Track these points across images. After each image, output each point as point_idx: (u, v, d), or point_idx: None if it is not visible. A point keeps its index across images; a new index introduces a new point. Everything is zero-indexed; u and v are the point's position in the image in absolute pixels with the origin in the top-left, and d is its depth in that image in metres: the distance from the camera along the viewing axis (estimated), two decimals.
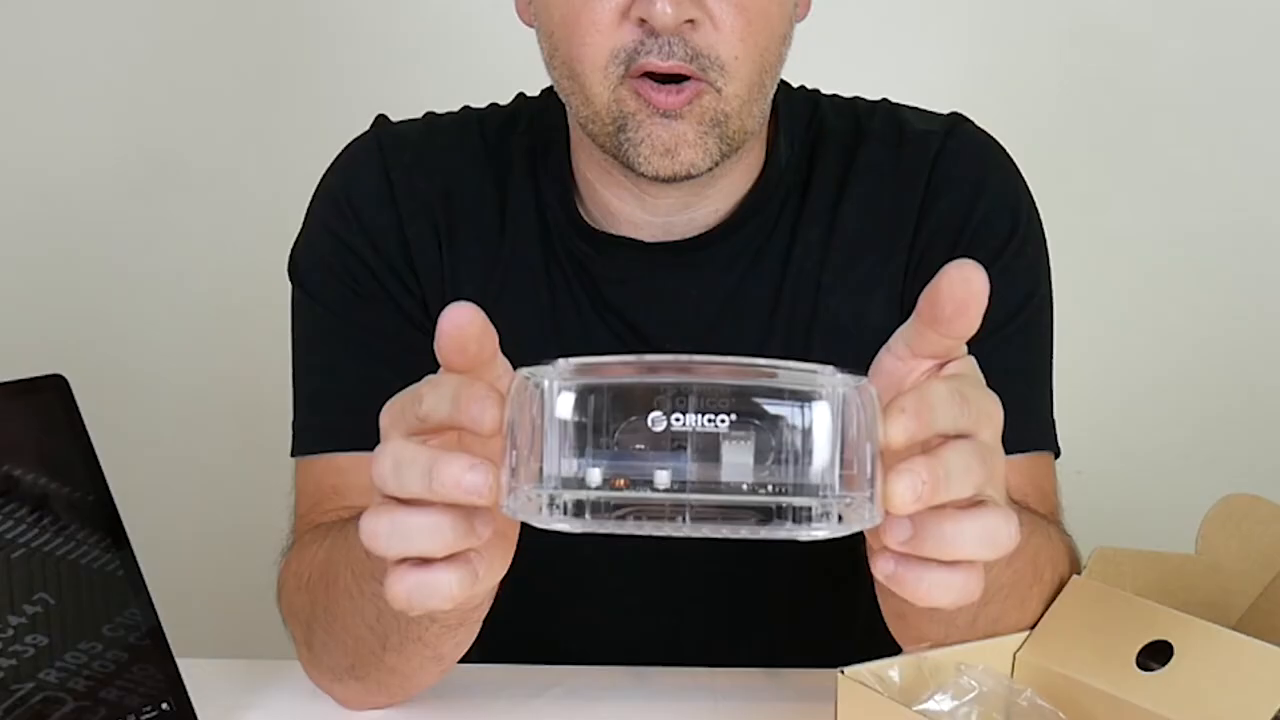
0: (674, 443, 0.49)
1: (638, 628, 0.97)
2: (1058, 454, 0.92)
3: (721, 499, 0.50)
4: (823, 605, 1.00)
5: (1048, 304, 0.93)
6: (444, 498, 0.54)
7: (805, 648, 0.91)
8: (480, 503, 0.54)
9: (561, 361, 0.51)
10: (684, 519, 0.50)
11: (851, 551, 0.76)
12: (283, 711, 0.84)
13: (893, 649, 0.77)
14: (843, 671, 0.68)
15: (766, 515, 0.50)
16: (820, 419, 0.50)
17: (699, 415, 0.49)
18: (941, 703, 0.69)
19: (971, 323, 0.56)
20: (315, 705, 0.84)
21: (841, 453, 0.50)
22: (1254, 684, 0.66)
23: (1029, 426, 0.90)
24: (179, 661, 0.75)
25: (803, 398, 0.50)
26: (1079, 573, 0.82)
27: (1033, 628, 0.77)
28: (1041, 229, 0.94)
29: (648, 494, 0.50)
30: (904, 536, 0.54)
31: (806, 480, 0.50)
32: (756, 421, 0.49)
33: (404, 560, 0.57)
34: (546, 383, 0.50)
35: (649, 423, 0.49)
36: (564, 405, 0.50)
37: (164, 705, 0.74)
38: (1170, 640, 0.70)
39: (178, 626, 0.77)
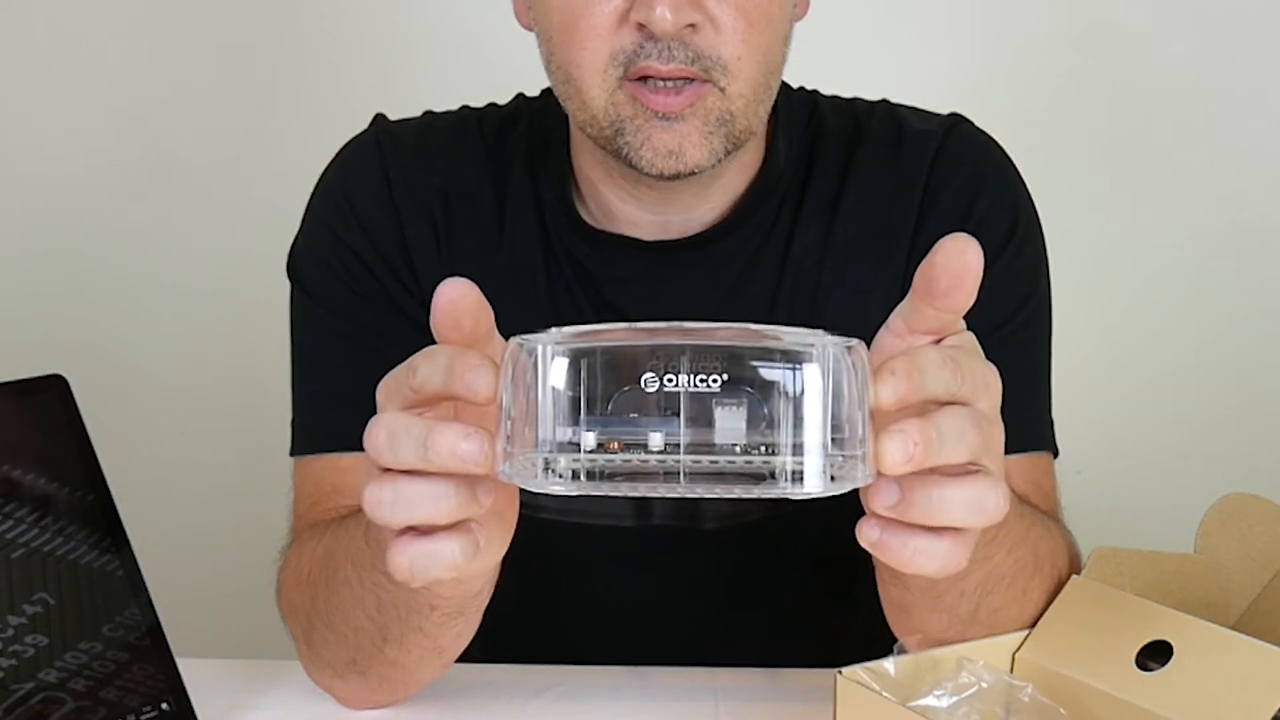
0: (667, 405, 0.50)
1: (638, 628, 0.97)
2: (1056, 454, 0.92)
3: (714, 460, 0.50)
4: (823, 609, 1.00)
5: (1046, 304, 0.93)
6: (439, 467, 0.55)
7: (805, 650, 0.91)
8: (476, 471, 0.54)
9: (554, 329, 0.52)
10: (678, 480, 0.51)
11: (852, 557, 0.76)
12: (283, 711, 0.84)
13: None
14: (840, 672, 0.68)
15: (759, 475, 0.51)
16: (811, 379, 0.51)
17: (691, 377, 0.50)
18: (941, 699, 0.69)
19: (967, 296, 0.56)
20: (315, 705, 0.84)
21: (832, 413, 0.51)
22: (1253, 684, 0.66)
23: (1028, 426, 0.90)
24: (179, 661, 0.75)
25: (793, 359, 0.51)
26: (1079, 571, 0.82)
27: (1032, 627, 0.77)
28: (1040, 229, 0.94)
29: (642, 456, 0.50)
30: (891, 501, 0.55)
31: (798, 440, 0.51)
32: (748, 382, 0.50)
33: (406, 531, 0.58)
34: (540, 348, 0.51)
35: (642, 385, 0.50)
36: (558, 370, 0.51)
37: (164, 705, 0.74)
38: (1170, 640, 0.70)
39: (178, 626, 0.77)
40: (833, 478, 0.51)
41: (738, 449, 0.50)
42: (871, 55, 1.62)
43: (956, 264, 0.55)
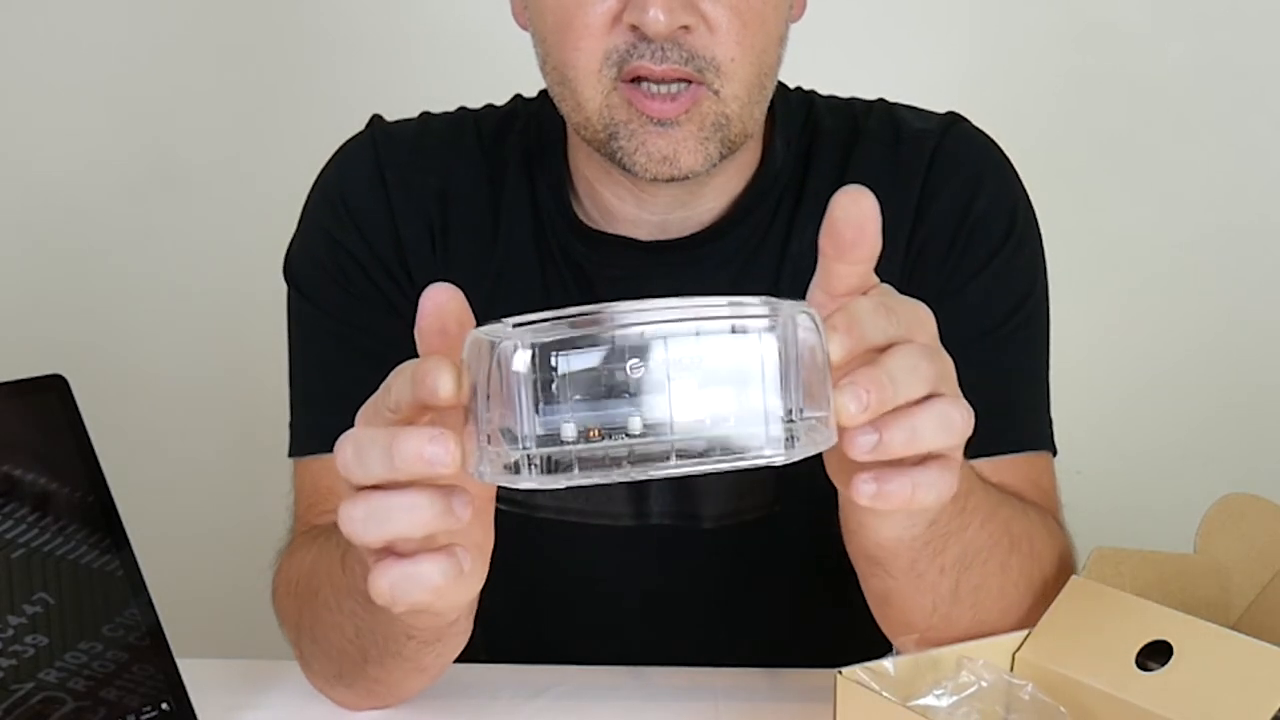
0: (641, 387, 0.51)
1: (637, 628, 0.97)
2: (1055, 453, 0.92)
3: (693, 437, 0.51)
4: (823, 609, 0.99)
5: (1044, 303, 0.93)
6: (408, 474, 0.54)
7: (805, 650, 0.91)
8: (445, 472, 0.53)
9: (510, 322, 0.51)
10: (660, 461, 0.51)
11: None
12: (283, 711, 0.84)
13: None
14: (840, 672, 0.68)
15: (736, 446, 0.51)
16: (776, 347, 0.52)
17: (662, 357, 0.51)
18: (941, 699, 0.69)
19: (873, 243, 0.58)
20: (315, 705, 0.84)
21: (799, 378, 0.52)
22: (1254, 684, 0.66)
23: (1026, 426, 0.90)
24: (179, 661, 0.76)
25: (757, 329, 0.52)
26: (1075, 568, 0.82)
27: (1023, 622, 0.78)
28: (1038, 228, 0.94)
29: (623, 441, 0.51)
30: (870, 444, 0.56)
31: (769, 407, 0.52)
32: (715, 357, 0.51)
33: (385, 555, 0.57)
34: (509, 344, 0.50)
35: (616, 371, 0.50)
36: (530, 364, 0.50)
37: (164, 705, 0.74)
38: (1170, 640, 0.70)
39: (178, 626, 0.77)
40: (804, 441, 0.52)
41: (707, 422, 0.51)
42: (869, 55, 1.62)
43: (855, 213, 0.57)
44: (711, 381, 0.51)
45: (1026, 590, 0.80)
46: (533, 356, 0.50)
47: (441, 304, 0.55)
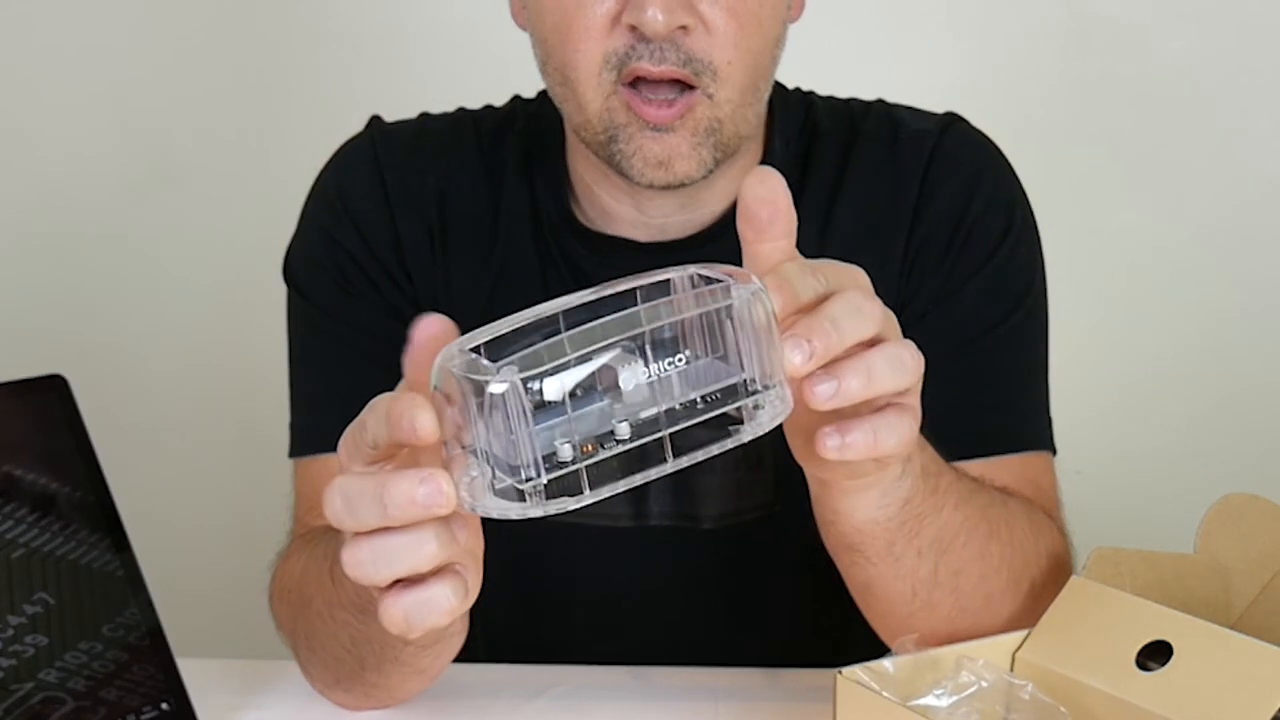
0: (624, 396, 0.51)
1: (637, 628, 0.97)
2: (1054, 452, 0.92)
3: (685, 426, 0.52)
4: (823, 609, 0.99)
5: (1042, 302, 0.93)
6: (403, 519, 0.54)
7: (805, 650, 0.91)
8: (442, 513, 0.53)
9: (466, 345, 0.51)
10: (660, 459, 0.52)
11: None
12: (283, 711, 0.84)
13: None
14: (840, 672, 0.68)
15: (723, 427, 0.53)
16: (737, 325, 0.53)
17: (638, 363, 0.51)
18: (941, 698, 0.69)
19: (788, 216, 0.58)
20: (315, 705, 0.84)
21: (758, 350, 0.53)
22: (1254, 684, 0.66)
23: (1026, 426, 0.90)
24: (179, 661, 0.76)
25: (718, 315, 0.53)
26: (1072, 566, 0.82)
27: (1028, 627, 0.78)
28: (1035, 227, 0.94)
29: (615, 449, 0.51)
30: (830, 390, 0.56)
31: (740, 380, 0.53)
32: (686, 349, 0.52)
33: (393, 584, 0.57)
34: (492, 380, 0.50)
35: (598, 381, 0.51)
36: (517, 396, 0.50)
37: (164, 705, 0.74)
38: (1170, 640, 0.70)
39: (178, 626, 0.77)
40: (767, 409, 0.53)
41: (699, 406, 0.52)
42: (868, 55, 1.62)
43: (765, 192, 0.58)
44: (692, 371, 0.52)
45: (1009, 579, 0.80)
46: (517, 388, 0.49)
47: (435, 335, 0.55)
